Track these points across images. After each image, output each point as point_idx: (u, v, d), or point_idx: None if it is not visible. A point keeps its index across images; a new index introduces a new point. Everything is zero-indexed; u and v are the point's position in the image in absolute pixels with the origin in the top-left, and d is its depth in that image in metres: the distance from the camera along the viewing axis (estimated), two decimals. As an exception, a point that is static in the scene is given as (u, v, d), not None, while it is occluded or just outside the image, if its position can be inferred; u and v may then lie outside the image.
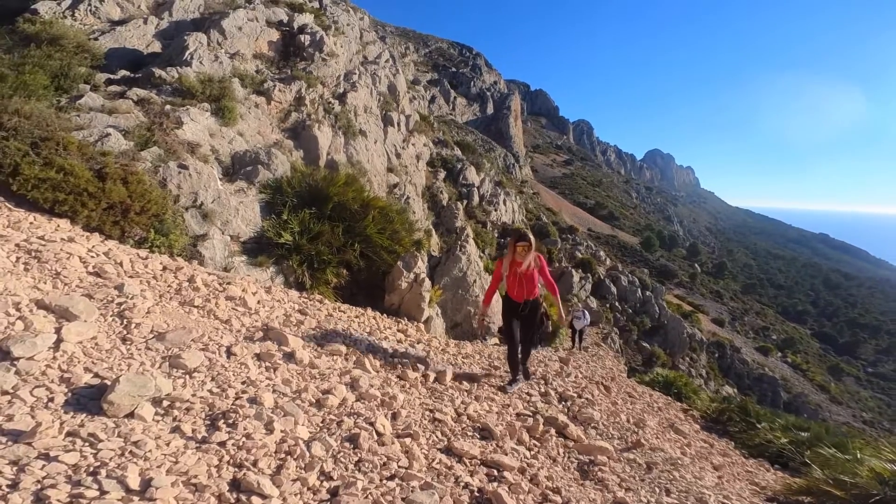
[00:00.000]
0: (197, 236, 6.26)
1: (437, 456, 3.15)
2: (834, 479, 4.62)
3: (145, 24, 10.07)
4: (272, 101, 9.97)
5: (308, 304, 6.09)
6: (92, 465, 1.98)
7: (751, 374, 38.83)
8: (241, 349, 3.52)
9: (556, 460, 3.92)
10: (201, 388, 2.84)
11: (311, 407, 3.14)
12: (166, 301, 4.03)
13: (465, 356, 6.81)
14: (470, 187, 21.68)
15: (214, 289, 4.80)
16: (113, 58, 8.83)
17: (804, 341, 65.82)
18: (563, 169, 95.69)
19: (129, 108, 6.95)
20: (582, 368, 9.74)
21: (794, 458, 6.87)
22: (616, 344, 21.84)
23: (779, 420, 8.88)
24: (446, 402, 4.18)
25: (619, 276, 29.93)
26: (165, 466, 2.09)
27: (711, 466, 5.58)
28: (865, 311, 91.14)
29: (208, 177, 6.77)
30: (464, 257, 10.30)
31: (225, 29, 10.19)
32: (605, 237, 64.70)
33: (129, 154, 5.95)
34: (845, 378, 56.84)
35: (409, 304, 7.97)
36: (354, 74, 13.66)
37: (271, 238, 7.19)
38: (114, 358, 2.86)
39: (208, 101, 8.27)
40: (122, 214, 5.24)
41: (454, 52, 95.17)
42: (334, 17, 15.23)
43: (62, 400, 2.36)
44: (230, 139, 8.22)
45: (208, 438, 2.39)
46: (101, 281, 3.89)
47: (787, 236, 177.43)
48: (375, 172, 12.67)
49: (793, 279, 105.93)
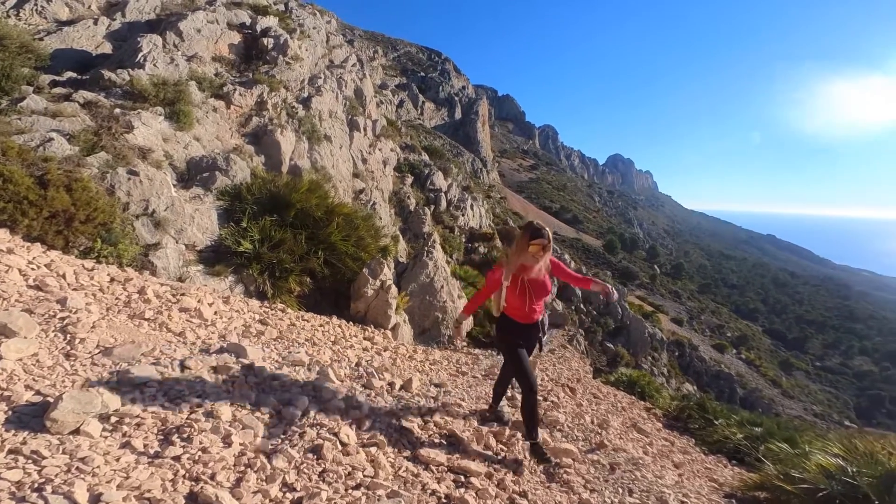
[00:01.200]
0: (148, 245, 6.00)
1: (404, 464, 3.13)
2: (784, 474, 4.74)
3: (95, 24, 9.63)
4: (232, 105, 9.71)
5: (269, 313, 5.92)
6: (36, 482, 1.89)
7: (709, 371, 40.43)
8: (195, 362, 3.38)
9: (522, 463, 3.95)
10: (153, 402, 2.71)
11: (272, 419, 3.05)
12: (114, 314, 3.84)
13: (432, 363, 6.80)
14: (437, 192, 21.70)
15: (167, 300, 4.60)
16: (59, 59, 8.39)
17: (756, 338, 69.08)
18: (529, 174, 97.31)
19: (74, 112, 6.62)
20: (548, 371, 9.88)
21: (750, 453, 7.05)
22: (581, 345, 22.28)
23: (734, 416, 9.16)
24: (413, 410, 4.15)
25: (584, 279, 30.64)
26: (116, 481, 2.00)
27: (672, 465, 5.73)
28: (811, 308, 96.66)
29: (161, 183, 6.51)
30: (431, 263, 10.31)
31: (182, 31, 9.86)
32: (570, 240, 66.18)
33: (73, 160, 5.65)
34: (795, 372, 59.96)
35: (375, 311, 7.89)
36: (320, 78, 13.48)
37: (230, 246, 6.97)
38: (57, 375, 2.70)
39: (162, 104, 7.97)
40: (66, 223, 4.97)
41: (423, 56, 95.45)
42: (300, 20, 15.01)
43: (2, 418, 2.23)
44: (186, 144, 7.94)
45: (161, 453, 2.29)
46: (43, 294, 3.67)
47: (737, 238, 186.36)
48: (341, 178, 12.51)
49: (744, 278, 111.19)
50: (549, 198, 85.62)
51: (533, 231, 3.60)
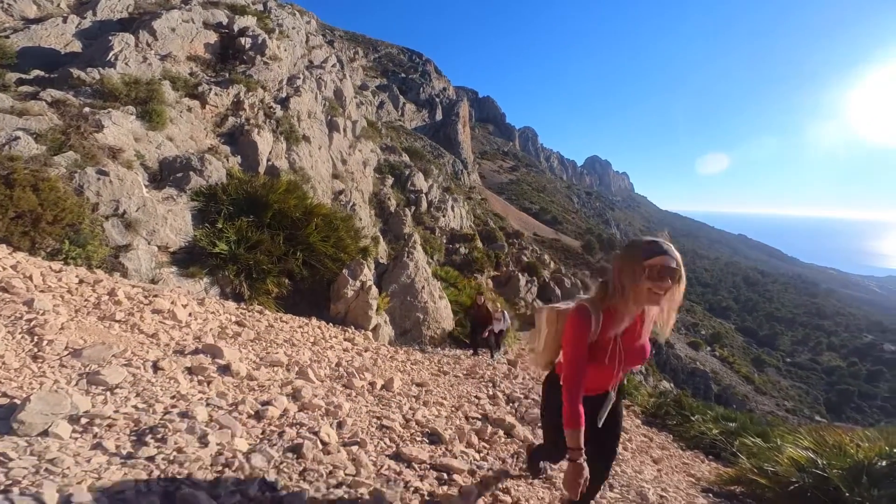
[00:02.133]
0: (119, 247, 5.84)
1: (386, 462, 3.10)
2: (758, 468, 4.87)
3: (65, 23, 9.35)
4: (207, 105, 9.53)
5: (246, 315, 5.82)
6: (3, 484, 1.82)
7: (685, 368, 41.34)
8: (169, 363, 3.29)
9: (506, 461, 3.97)
10: (125, 404, 2.63)
11: (250, 419, 3.00)
12: (83, 316, 3.72)
13: (413, 363, 6.78)
14: (418, 193, 21.71)
15: (139, 302, 4.48)
16: (26, 57, 8.13)
17: (729, 335, 70.86)
18: (509, 175, 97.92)
19: (41, 110, 6.41)
20: (530, 370, 9.95)
21: (725, 448, 7.22)
22: (561, 345, 22.50)
23: (710, 412, 9.37)
24: (394, 409, 4.13)
25: (563, 279, 30.95)
26: (87, 483, 1.93)
27: (651, 460, 5.83)
28: (781, 306, 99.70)
29: (132, 183, 6.34)
30: (412, 264, 10.29)
31: (156, 30, 9.65)
32: (550, 241, 66.79)
33: (40, 159, 5.48)
34: (767, 369, 61.70)
35: (355, 312, 7.84)
36: (299, 79, 13.34)
37: (205, 248, 6.84)
38: (24, 377, 2.60)
39: (133, 103, 7.78)
40: (33, 224, 4.81)
41: (404, 57, 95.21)
42: (279, 20, 14.84)
43: (-36, 422, 2.12)
44: (158, 144, 7.76)
45: (134, 454, 2.22)
46: (9, 296, 3.53)
47: (710, 237, 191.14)
48: (320, 179, 12.40)
49: (717, 277, 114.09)
50: (529, 199, 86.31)
51: (654, 253, 2.03)
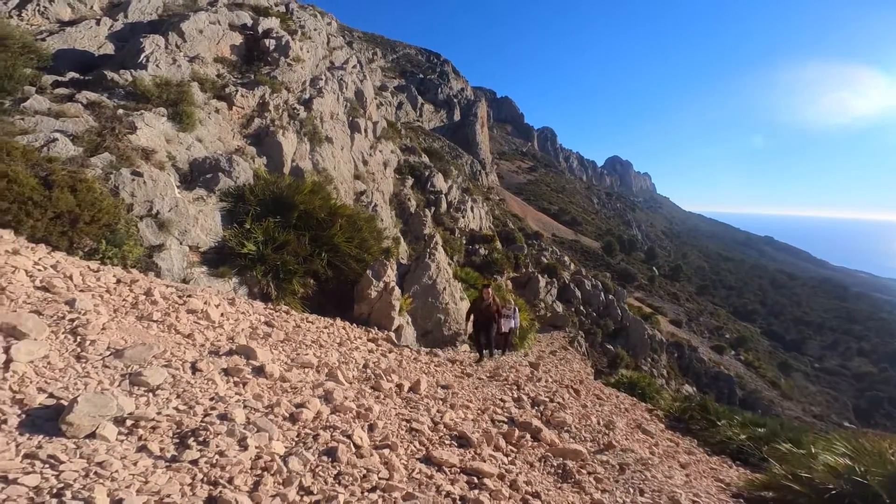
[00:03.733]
0: (153, 247, 5.97)
1: (417, 466, 3.10)
2: (792, 474, 4.76)
3: (98, 25, 9.61)
4: (234, 107, 9.69)
5: (274, 315, 5.89)
6: (55, 487, 1.85)
7: (708, 372, 40.45)
8: (206, 364, 3.35)
9: (534, 465, 3.94)
10: (166, 405, 2.68)
11: (286, 421, 3.03)
12: (122, 316, 3.80)
13: (437, 364, 6.77)
14: (438, 194, 21.72)
15: (174, 302, 4.57)
16: (61, 59, 8.36)
17: (755, 339, 69.12)
18: (527, 175, 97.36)
19: (78, 112, 6.59)
20: (552, 373, 9.88)
21: (754, 454, 7.09)
22: (582, 347, 22.28)
23: (737, 417, 9.20)
24: (422, 412, 4.13)
25: (583, 281, 30.63)
26: (135, 486, 1.97)
27: (679, 465, 5.73)
28: (810, 310, 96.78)
29: (165, 184, 6.48)
30: (433, 265, 10.28)
31: (184, 31, 9.84)
32: (569, 242, 66.21)
33: (77, 160, 5.63)
34: (794, 374, 59.99)
35: (379, 313, 7.87)
36: (321, 80, 13.47)
37: (233, 248, 6.95)
38: (69, 377, 2.67)
39: (165, 105, 7.94)
40: (71, 224, 4.94)
41: (422, 58, 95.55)
42: (301, 21, 15.00)
43: (16, 422, 2.19)
44: (188, 145, 7.92)
45: (178, 457, 2.26)
46: (51, 296, 3.63)
47: (735, 239, 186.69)
48: (342, 180, 12.50)
49: (742, 280, 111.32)
50: (547, 200, 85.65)
51: None
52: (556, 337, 21.22)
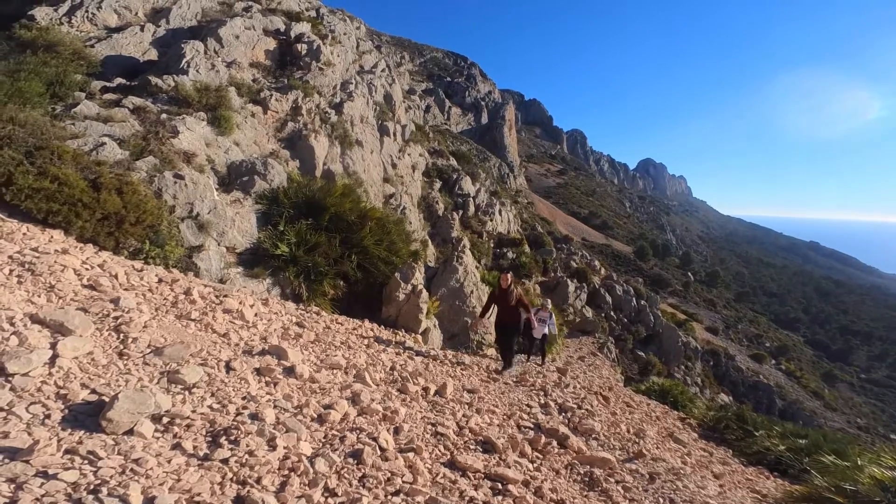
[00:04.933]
0: (192, 247, 6.20)
1: (441, 470, 3.10)
2: (835, 486, 4.61)
3: (142, 31, 10.05)
4: (268, 111, 9.96)
5: (305, 316, 6.02)
6: (92, 483, 1.92)
7: (745, 381, 38.89)
8: (240, 364, 3.45)
9: (560, 472, 3.87)
10: (201, 404, 2.77)
11: (313, 422, 3.08)
12: (163, 314, 3.96)
13: (463, 367, 6.76)
14: (465, 197, 21.71)
15: (211, 301, 4.73)
16: (109, 65, 8.79)
17: (797, 348, 66.10)
18: (557, 178, 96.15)
19: (124, 117, 6.91)
20: (580, 379, 9.70)
21: (793, 465, 6.86)
22: (612, 353, 21.81)
23: (776, 428, 8.87)
24: (448, 416, 4.13)
25: (614, 286, 29.98)
26: (168, 484, 2.04)
27: (712, 475, 5.55)
28: (857, 318, 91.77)
29: (204, 187, 6.72)
30: (461, 268, 10.28)
31: (222, 37, 10.19)
32: (600, 246, 64.96)
33: (124, 163, 5.89)
34: (839, 384, 57.06)
35: (406, 315, 7.92)
36: (351, 84, 13.70)
37: (268, 249, 7.14)
38: (111, 373, 2.80)
39: (204, 109, 8.24)
40: (117, 225, 5.18)
41: (449, 61, 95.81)
42: (331, 26, 15.29)
43: (59, 417, 2.30)
44: (226, 149, 8.19)
45: (210, 455, 2.33)
46: (97, 294, 3.82)
47: (777, 244, 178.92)
48: (372, 183, 12.66)
49: (784, 287, 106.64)
50: (577, 203, 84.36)
51: None
52: (585, 342, 20.85)
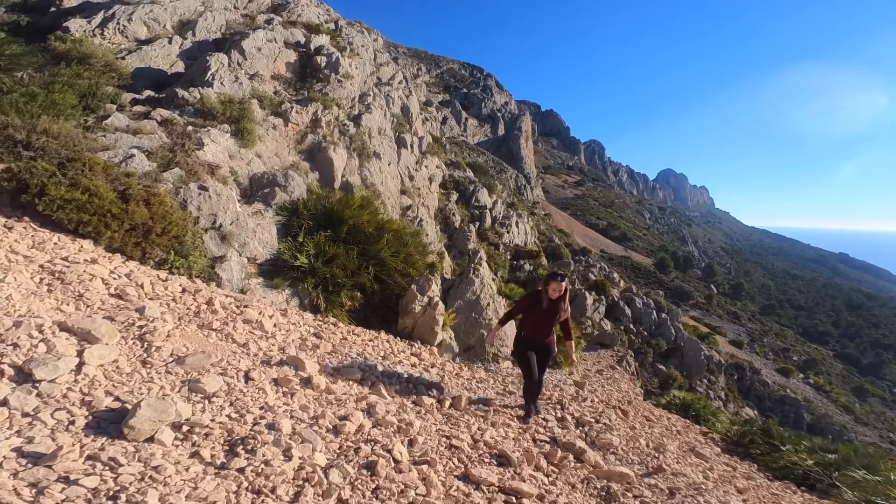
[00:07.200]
0: (215, 258, 6.33)
1: (455, 483, 3.09)
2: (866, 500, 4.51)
3: (170, 43, 10.40)
4: (289, 123, 10.17)
5: (323, 327, 6.08)
6: (112, 490, 1.97)
7: (772, 395, 37.68)
8: (258, 374, 3.51)
9: (576, 487, 3.81)
10: (220, 413, 2.83)
11: (329, 433, 3.11)
12: (185, 324, 4.06)
13: (479, 380, 6.72)
14: (482, 209, 21.72)
15: (232, 311, 4.82)
16: (139, 77, 9.08)
17: (826, 362, 63.85)
18: (574, 190, 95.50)
19: (153, 129, 7.14)
20: (598, 392, 9.55)
21: (822, 480, 6.63)
22: (631, 367, 21.38)
23: (804, 442, 8.56)
24: (462, 429, 4.11)
25: (634, 298, 29.48)
26: (185, 492, 2.08)
27: (736, 490, 5.39)
28: (889, 332, 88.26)
29: (227, 198, 6.88)
30: (477, 280, 10.25)
31: (245, 49, 10.47)
32: (619, 258, 64.11)
33: (151, 175, 6.07)
34: (870, 399, 54.90)
35: (422, 327, 7.92)
36: (369, 96, 13.91)
37: (287, 260, 7.25)
38: (134, 381, 2.87)
39: (228, 122, 8.45)
40: (144, 236, 5.33)
41: (465, 72, 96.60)
42: (349, 38, 15.58)
43: (83, 423, 2.37)
44: (248, 161, 8.38)
45: (227, 464, 2.37)
46: (123, 303, 3.94)
47: (805, 256, 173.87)
48: (389, 195, 12.78)
49: (813, 299, 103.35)
50: (595, 215, 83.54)
51: None
52: (604, 356, 20.51)
